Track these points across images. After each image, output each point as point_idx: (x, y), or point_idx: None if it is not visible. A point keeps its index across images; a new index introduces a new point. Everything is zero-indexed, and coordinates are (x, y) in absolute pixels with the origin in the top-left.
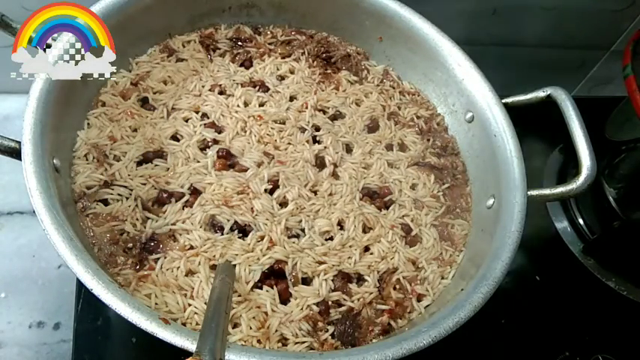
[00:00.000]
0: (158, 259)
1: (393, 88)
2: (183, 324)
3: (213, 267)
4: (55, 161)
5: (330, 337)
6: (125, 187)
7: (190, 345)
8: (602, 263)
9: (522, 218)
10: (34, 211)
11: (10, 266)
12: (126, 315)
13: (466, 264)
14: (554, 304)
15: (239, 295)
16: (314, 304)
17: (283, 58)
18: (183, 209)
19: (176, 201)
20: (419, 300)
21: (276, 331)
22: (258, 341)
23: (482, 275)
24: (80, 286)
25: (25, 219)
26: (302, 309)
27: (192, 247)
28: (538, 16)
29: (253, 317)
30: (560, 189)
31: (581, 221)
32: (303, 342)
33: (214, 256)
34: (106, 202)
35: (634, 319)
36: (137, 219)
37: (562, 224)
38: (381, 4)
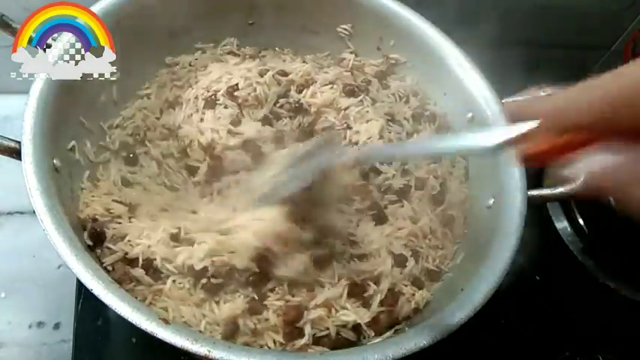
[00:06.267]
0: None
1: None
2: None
3: None
4: (55, 161)
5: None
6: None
7: (190, 345)
8: (602, 263)
9: (522, 218)
10: (34, 211)
11: (10, 266)
12: (126, 315)
13: (466, 264)
14: (554, 304)
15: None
16: None
17: None
18: None
19: None
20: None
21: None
22: None
23: (483, 275)
24: (80, 286)
25: (25, 219)
26: None
27: None
28: (538, 16)
29: None
30: (560, 189)
31: (581, 221)
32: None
33: None
34: None
35: (634, 319)
36: None
37: (562, 224)
38: (381, 4)
